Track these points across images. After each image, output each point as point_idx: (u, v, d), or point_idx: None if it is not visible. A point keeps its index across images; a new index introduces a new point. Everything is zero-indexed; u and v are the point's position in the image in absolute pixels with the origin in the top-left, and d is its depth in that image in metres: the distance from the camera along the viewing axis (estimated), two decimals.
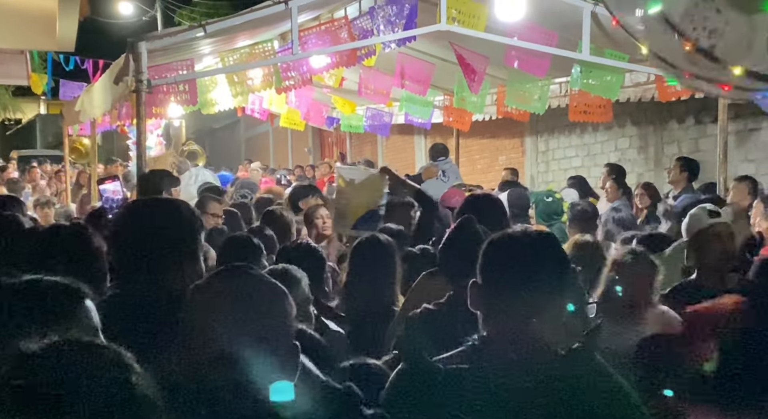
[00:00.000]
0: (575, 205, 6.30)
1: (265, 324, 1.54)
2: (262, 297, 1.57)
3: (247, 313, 1.53)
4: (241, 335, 1.50)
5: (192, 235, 2.32)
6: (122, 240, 2.32)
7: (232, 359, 1.48)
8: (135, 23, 24.81)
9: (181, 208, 2.38)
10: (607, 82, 7.19)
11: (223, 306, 1.53)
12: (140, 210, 2.42)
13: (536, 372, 1.81)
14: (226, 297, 1.54)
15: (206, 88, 7.58)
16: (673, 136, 9.77)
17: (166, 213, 2.32)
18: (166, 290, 2.16)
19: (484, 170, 13.65)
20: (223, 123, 26.30)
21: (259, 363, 1.50)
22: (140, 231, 2.27)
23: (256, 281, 1.59)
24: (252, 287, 1.57)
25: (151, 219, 2.29)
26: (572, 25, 6.48)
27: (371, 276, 3.97)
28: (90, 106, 8.42)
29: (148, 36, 5.90)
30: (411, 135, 16.52)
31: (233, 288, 1.56)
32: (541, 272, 1.89)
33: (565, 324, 1.89)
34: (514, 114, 8.87)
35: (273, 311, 1.57)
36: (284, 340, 1.58)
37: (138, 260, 2.23)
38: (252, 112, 10.53)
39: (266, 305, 1.57)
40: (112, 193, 4.68)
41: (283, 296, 1.62)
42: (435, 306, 2.97)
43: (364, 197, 6.24)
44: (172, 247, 2.25)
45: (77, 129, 11.96)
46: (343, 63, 6.97)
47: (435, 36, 7.16)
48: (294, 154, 23.01)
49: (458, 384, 1.82)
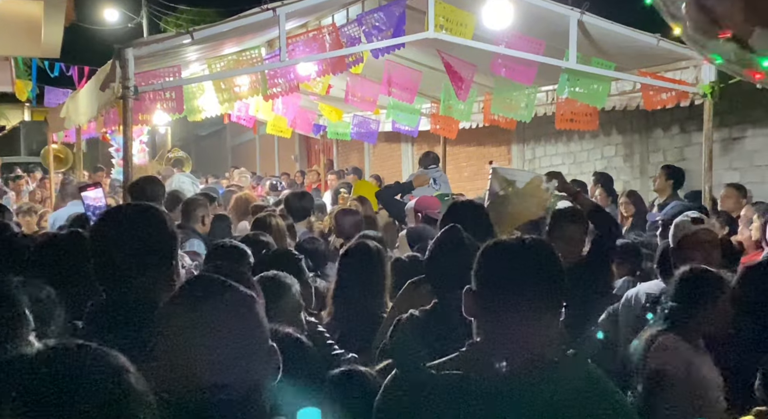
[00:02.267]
0: None
1: (235, 331, 1.52)
2: (229, 306, 1.55)
3: (217, 323, 1.51)
4: (215, 345, 1.48)
5: (169, 242, 2.31)
6: (100, 247, 2.31)
7: (210, 371, 1.46)
8: (121, 30, 24.71)
9: (157, 214, 2.37)
10: (594, 90, 7.23)
11: (191, 319, 1.51)
12: (117, 216, 2.40)
13: (529, 379, 1.80)
14: (194, 309, 1.52)
15: (193, 95, 7.56)
16: (658, 145, 9.83)
17: (144, 219, 2.30)
18: (148, 297, 2.15)
19: (470, 178, 13.68)
20: (209, 130, 26.25)
21: (237, 372, 1.48)
22: (117, 238, 2.25)
23: (223, 289, 1.57)
24: (218, 296, 1.55)
25: (128, 226, 2.28)
26: (559, 34, 6.52)
27: (360, 283, 3.96)
28: (75, 113, 8.37)
29: (135, 42, 5.88)
30: (398, 142, 16.54)
31: (200, 299, 1.54)
32: (537, 279, 1.88)
33: (559, 331, 1.89)
34: (501, 122, 8.90)
35: (242, 317, 1.55)
36: (259, 344, 1.56)
37: (115, 267, 2.22)
38: (238, 119, 10.50)
39: (234, 312, 1.55)
40: (94, 200, 4.63)
41: (250, 301, 1.60)
42: (421, 313, 2.96)
43: (527, 204, 5.26)
44: (152, 254, 2.24)
45: (62, 136, 11.90)
46: (330, 70, 6.97)
47: (422, 44, 7.18)
48: (281, 162, 22.98)
49: (450, 391, 1.82)
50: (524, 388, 1.79)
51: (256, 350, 1.55)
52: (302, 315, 3.18)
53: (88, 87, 7.78)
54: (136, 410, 0.91)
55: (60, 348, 0.93)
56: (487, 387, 1.80)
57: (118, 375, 0.92)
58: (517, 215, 5.30)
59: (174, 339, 1.51)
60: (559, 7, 6.43)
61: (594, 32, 6.62)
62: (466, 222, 3.28)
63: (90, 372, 0.90)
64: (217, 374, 1.47)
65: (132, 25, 25.41)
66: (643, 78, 7.06)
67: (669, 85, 6.98)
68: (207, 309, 1.52)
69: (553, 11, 6.45)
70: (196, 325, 1.50)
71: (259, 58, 6.74)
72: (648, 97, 7.21)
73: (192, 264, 3.25)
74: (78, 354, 0.92)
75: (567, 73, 7.06)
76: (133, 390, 0.92)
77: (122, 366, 0.94)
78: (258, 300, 1.62)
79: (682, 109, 7.94)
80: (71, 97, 9.32)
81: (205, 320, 1.51)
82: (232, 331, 1.52)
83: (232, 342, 1.51)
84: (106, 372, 0.91)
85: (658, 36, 6.54)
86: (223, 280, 1.60)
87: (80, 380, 0.88)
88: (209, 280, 1.64)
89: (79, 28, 19.51)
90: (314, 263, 4.92)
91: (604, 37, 6.67)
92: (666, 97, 7.11)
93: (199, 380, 1.46)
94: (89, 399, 0.87)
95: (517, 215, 5.30)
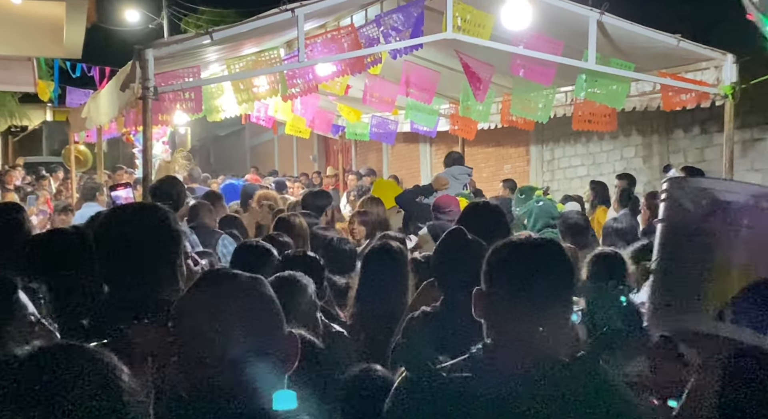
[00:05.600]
0: (567, 218, 6.29)
1: (251, 325, 1.53)
2: (243, 300, 1.56)
3: (232, 318, 1.52)
4: (231, 341, 1.50)
5: (174, 240, 2.33)
6: (105, 245, 2.33)
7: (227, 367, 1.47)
8: (141, 31, 24.90)
9: (160, 213, 2.39)
10: (613, 91, 7.19)
11: (206, 315, 1.52)
12: (121, 216, 2.43)
13: (540, 381, 1.79)
14: (209, 305, 1.54)
15: (212, 95, 7.60)
16: (678, 146, 9.76)
17: (147, 218, 2.33)
18: (152, 295, 2.18)
19: (489, 179, 13.64)
20: (228, 130, 26.37)
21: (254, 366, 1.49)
22: (122, 237, 2.28)
23: (236, 284, 1.58)
24: (231, 292, 1.56)
25: (131, 225, 2.30)
26: (578, 34, 6.49)
27: (382, 283, 3.97)
28: (96, 113, 8.45)
29: (155, 43, 5.93)
30: (416, 143, 16.53)
31: (214, 295, 1.55)
32: (547, 279, 1.87)
33: (570, 332, 1.88)
34: (519, 123, 8.87)
35: (257, 310, 1.56)
36: (276, 336, 1.58)
37: (121, 265, 2.25)
38: (257, 119, 10.55)
39: (249, 299, 1.56)
40: (125, 200, 4.68)
41: (263, 288, 1.61)
42: (432, 310, 2.98)
43: None
44: (156, 252, 2.27)
45: (84, 136, 12.02)
46: (349, 71, 6.98)
47: (441, 44, 7.17)
48: (299, 162, 23.04)
49: (461, 393, 1.81)
50: (535, 391, 1.78)
51: (269, 336, 1.56)
52: (318, 315, 3.19)
53: (108, 87, 7.85)
54: (128, 410, 0.91)
55: (50, 349, 0.93)
56: (497, 390, 1.79)
57: (111, 375, 0.92)
58: None
59: (191, 329, 1.52)
60: (578, 8, 6.40)
61: (613, 33, 6.58)
62: (484, 224, 3.27)
63: (82, 373, 0.90)
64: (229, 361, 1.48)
65: (153, 26, 25.60)
66: (663, 79, 7.01)
67: (689, 86, 6.93)
68: (223, 296, 1.54)
69: (572, 11, 6.42)
70: (213, 313, 1.51)
71: (278, 58, 6.77)
72: (667, 97, 7.16)
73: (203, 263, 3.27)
74: (69, 354, 0.92)
75: (584, 74, 7.03)
76: (125, 391, 0.92)
77: (114, 366, 0.94)
78: (267, 289, 1.63)
79: (702, 110, 7.87)
80: (92, 98, 9.41)
81: (222, 307, 1.52)
82: (244, 319, 1.53)
83: (243, 329, 1.52)
84: (98, 373, 0.92)
85: (679, 36, 6.51)
86: (237, 272, 1.62)
87: (72, 380, 0.88)
88: (223, 273, 1.66)
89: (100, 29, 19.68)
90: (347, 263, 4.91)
91: (624, 37, 6.63)
92: (686, 98, 7.06)
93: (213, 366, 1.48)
94: (81, 399, 0.87)
95: None
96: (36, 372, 0.88)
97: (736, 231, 2.11)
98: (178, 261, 2.32)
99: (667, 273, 2.12)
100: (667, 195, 2.34)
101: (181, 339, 1.52)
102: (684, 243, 2.15)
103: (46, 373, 0.88)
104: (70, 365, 0.90)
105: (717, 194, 2.22)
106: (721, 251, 2.06)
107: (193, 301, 1.56)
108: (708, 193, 2.23)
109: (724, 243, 2.07)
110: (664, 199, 2.36)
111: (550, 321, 1.86)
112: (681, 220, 2.18)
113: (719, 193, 2.23)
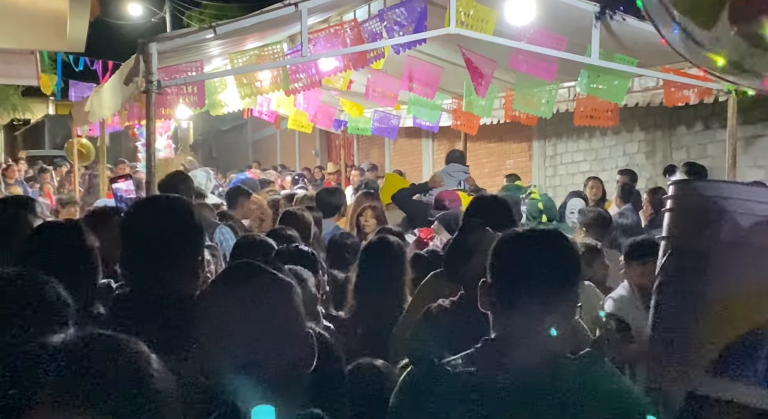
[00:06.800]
0: (588, 211, 6.24)
1: (280, 319, 1.55)
2: (274, 293, 1.58)
3: (263, 311, 1.54)
4: (261, 334, 1.51)
5: (199, 234, 2.34)
6: (129, 238, 2.33)
7: (248, 352, 1.49)
8: (144, 25, 24.91)
9: (186, 206, 2.40)
10: (614, 86, 7.19)
11: (237, 306, 1.53)
12: (147, 208, 2.43)
13: (545, 377, 1.78)
14: (240, 296, 1.55)
15: (215, 90, 7.61)
16: (681, 142, 9.76)
17: (174, 211, 2.33)
18: (174, 289, 2.18)
19: (491, 174, 13.65)
20: (230, 125, 26.36)
21: (275, 355, 1.51)
22: (149, 230, 2.28)
23: (265, 276, 1.60)
24: (262, 283, 1.58)
25: (160, 217, 2.31)
26: (582, 29, 6.49)
27: (380, 278, 3.98)
28: (99, 107, 8.45)
29: (158, 37, 5.92)
30: (419, 138, 16.53)
31: (242, 283, 1.57)
32: (553, 271, 1.85)
33: (576, 326, 1.88)
34: (522, 118, 8.87)
35: (286, 304, 1.58)
36: (297, 328, 1.59)
37: (146, 258, 2.24)
38: (260, 113, 10.56)
39: (278, 299, 1.58)
40: (125, 192, 4.69)
41: (289, 286, 1.62)
42: (449, 304, 2.98)
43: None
44: (181, 246, 2.27)
45: (86, 130, 12.03)
46: (351, 65, 6.98)
47: (444, 39, 7.16)
48: (301, 157, 23.05)
49: (466, 388, 1.80)
50: (539, 386, 1.77)
51: (293, 334, 1.57)
52: (319, 308, 3.21)
53: (112, 81, 7.85)
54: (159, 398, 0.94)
55: (84, 338, 0.95)
56: (502, 385, 1.78)
57: (143, 363, 0.94)
58: None
59: (215, 322, 1.54)
60: (581, 3, 6.39)
61: (617, 28, 6.57)
62: (490, 217, 3.27)
63: (114, 361, 0.92)
64: (253, 355, 1.49)
65: (155, 20, 25.60)
66: (666, 74, 7.00)
67: (693, 81, 6.92)
68: (248, 292, 1.55)
69: (575, 7, 6.41)
70: (237, 308, 1.52)
71: (281, 53, 6.77)
72: (670, 93, 7.15)
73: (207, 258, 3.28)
74: (102, 343, 0.95)
75: (587, 70, 7.02)
76: (157, 378, 0.94)
77: (145, 354, 0.96)
78: (296, 288, 1.64)
79: (705, 106, 7.87)
80: (95, 91, 9.41)
81: (246, 303, 1.53)
82: (272, 314, 1.54)
83: (271, 325, 1.53)
84: (130, 361, 0.94)
85: None
86: (264, 267, 1.63)
87: (105, 369, 0.91)
88: (250, 266, 1.67)
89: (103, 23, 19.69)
90: (350, 258, 4.92)
91: (627, 32, 6.62)
92: (689, 94, 7.06)
93: (238, 361, 1.49)
94: (114, 387, 0.89)
95: None
96: (71, 360, 0.90)
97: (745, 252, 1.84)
98: (200, 256, 2.33)
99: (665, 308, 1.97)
100: (672, 204, 2.18)
101: (204, 327, 1.54)
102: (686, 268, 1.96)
103: (81, 361, 0.90)
104: (103, 353, 0.92)
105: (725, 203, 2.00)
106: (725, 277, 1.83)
107: (221, 296, 1.56)
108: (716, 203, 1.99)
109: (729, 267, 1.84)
110: (669, 209, 2.20)
111: (555, 313, 1.84)
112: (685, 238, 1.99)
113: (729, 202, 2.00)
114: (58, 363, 0.90)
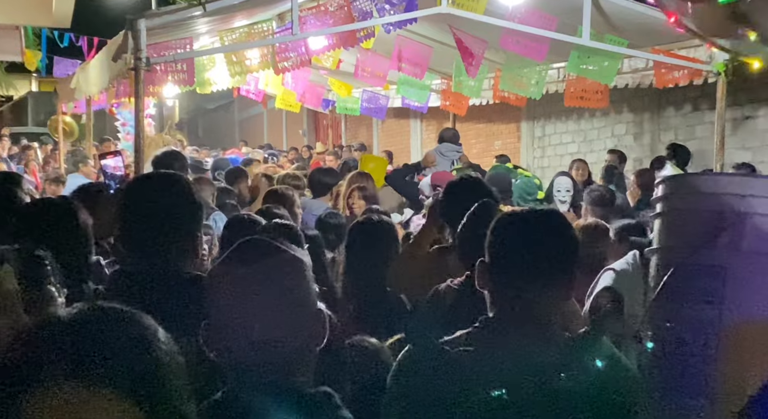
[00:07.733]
0: (593, 190, 6.18)
1: (295, 296, 1.55)
2: (288, 269, 1.57)
3: (278, 288, 1.53)
4: (276, 311, 1.50)
5: (199, 211, 2.33)
6: (127, 215, 2.31)
7: (260, 329, 1.48)
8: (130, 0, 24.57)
9: (185, 183, 2.39)
10: (604, 67, 7.19)
11: (252, 284, 1.52)
12: (147, 185, 2.42)
13: (543, 356, 1.79)
14: (255, 273, 1.53)
15: (203, 68, 7.54)
16: (669, 123, 9.79)
17: (174, 188, 2.32)
18: (174, 265, 2.17)
19: (479, 155, 13.64)
20: (217, 103, 26.16)
21: (286, 331, 1.51)
22: (149, 206, 2.26)
23: (280, 253, 1.59)
24: (277, 260, 1.57)
25: (161, 193, 2.29)
26: (573, 10, 6.47)
27: (367, 257, 3.98)
28: (86, 84, 8.36)
29: (147, 13, 5.86)
30: (407, 119, 16.48)
31: (254, 258, 1.56)
32: (550, 250, 1.86)
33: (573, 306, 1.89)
34: (511, 99, 8.86)
35: (300, 281, 1.58)
36: (308, 305, 1.59)
37: (145, 235, 2.23)
38: (247, 92, 10.49)
39: (292, 276, 1.57)
40: (113, 169, 4.65)
41: (303, 264, 1.62)
42: (457, 284, 2.99)
43: None
44: (181, 222, 2.26)
45: (71, 107, 11.90)
46: (341, 44, 6.94)
47: (434, 19, 7.13)
48: (288, 136, 22.94)
49: (463, 367, 1.81)
50: (536, 365, 1.77)
51: (306, 311, 1.57)
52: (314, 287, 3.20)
53: (99, 58, 7.76)
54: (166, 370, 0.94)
55: (93, 309, 0.95)
56: (499, 364, 1.79)
57: (150, 336, 0.94)
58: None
59: (228, 299, 1.53)
60: None
61: (608, 8, 6.56)
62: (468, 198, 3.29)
63: (122, 333, 0.92)
64: (267, 332, 1.49)
65: None
66: (656, 55, 7.01)
67: (682, 63, 6.93)
68: (264, 269, 1.54)
69: None
70: (253, 285, 1.51)
71: (271, 31, 6.71)
72: (660, 74, 7.16)
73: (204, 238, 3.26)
74: (110, 315, 0.94)
75: (578, 51, 7.01)
76: (164, 351, 0.94)
77: (152, 327, 0.96)
78: (307, 264, 1.64)
79: (694, 88, 7.89)
80: (81, 68, 9.30)
81: (262, 280, 1.52)
82: (287, 291, 1.54)
83: (286, 301, 1.52)
84: (137, 333, 0.93)
85: None
86: (276, 243, 1.62)
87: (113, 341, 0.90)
88: (262, 242, 1.65)
89: None
90: (337, 238, 4.92)
91: (618, 13, 6.61)
92: (679, 75, 7.07)
93: (249, 337, 1.49)
94: (122, 359, 0.89)
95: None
96: (79, 332, 0.90)
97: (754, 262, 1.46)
98: (199, 233, 2.32)
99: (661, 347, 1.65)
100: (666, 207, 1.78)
101: (215, 304, 1.53)
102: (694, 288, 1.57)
103: (89, 334, 0.90)
104: (111, 326, 0.92)
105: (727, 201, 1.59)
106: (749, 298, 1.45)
107: (235, 274, 1.55)
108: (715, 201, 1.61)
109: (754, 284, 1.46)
110: (660, 214, 1.81)
111: (551, 294, 1.85)
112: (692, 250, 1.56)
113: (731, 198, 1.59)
114: (67, 335, 0.89)
